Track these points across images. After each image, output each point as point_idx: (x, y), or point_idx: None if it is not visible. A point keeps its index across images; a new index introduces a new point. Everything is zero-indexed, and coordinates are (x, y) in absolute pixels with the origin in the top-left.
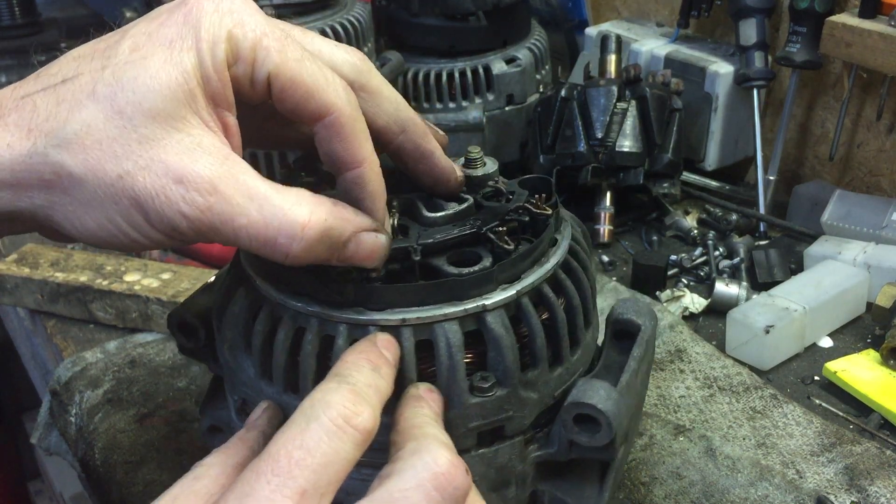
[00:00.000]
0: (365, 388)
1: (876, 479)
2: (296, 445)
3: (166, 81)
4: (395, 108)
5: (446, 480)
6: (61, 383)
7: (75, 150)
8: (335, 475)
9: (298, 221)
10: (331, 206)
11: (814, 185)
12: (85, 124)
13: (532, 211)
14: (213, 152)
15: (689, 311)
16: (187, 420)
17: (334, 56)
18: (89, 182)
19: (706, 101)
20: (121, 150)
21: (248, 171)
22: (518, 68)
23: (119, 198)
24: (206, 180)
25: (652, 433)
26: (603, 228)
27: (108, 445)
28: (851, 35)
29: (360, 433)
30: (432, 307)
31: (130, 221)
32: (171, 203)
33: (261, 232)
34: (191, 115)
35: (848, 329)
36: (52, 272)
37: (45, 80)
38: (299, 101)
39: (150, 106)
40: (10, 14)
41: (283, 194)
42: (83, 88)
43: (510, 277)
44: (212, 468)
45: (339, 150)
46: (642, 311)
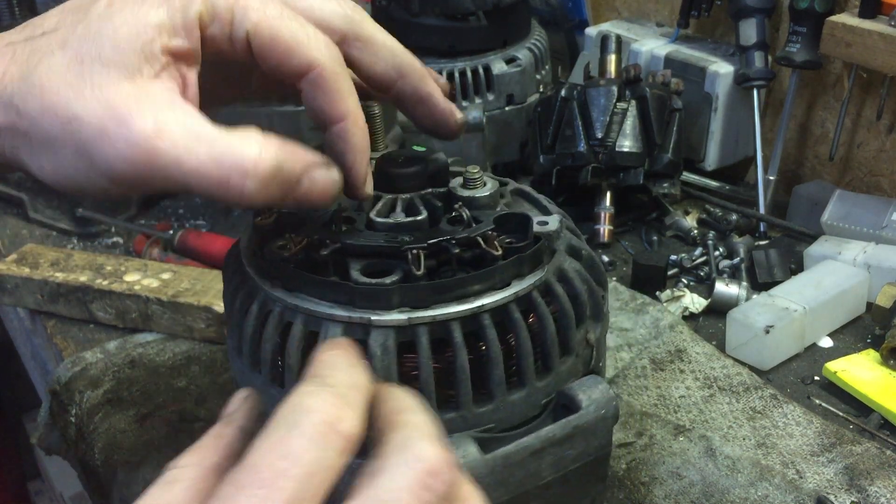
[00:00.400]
0: (345, 388)
1: (876, 479)
2: (278, 455)
3: (126, 34)
4: (392, 54)
5: (435, 477)
6: (61, 383)
7: (36, 93)
8: (321, 485)
9: (250, 157)
10: (280, 143)
11: (814, 185)
12: (48, 69)
13: (481, 245)
14: (161, 99)
15: (689, 311)
16: (187, 420)
17: (324, 8)
18: (44, 124)
19: (706, 101)
20: (73, 94)
21: (194, 115)
22: (518, 68)
23: (67, 141)
24: (150, 122)
25: (652, 433)
26: (603, 228)
27: (108, 445)
28: (851, 35)
29: (344, 439)
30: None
31: (77, 166)
32: (113, 145)
33: (212, 172)
34: (145, 65)
35: (848, 329)
36: (52, 272)
37: (29, 30)
38: (280, 58)
39: (107, 56)
40: (10, 14)
41: (231, 133)
42: (57, 40)
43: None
44: (186, 471)
45: (323, 105)
46: (595, 396)
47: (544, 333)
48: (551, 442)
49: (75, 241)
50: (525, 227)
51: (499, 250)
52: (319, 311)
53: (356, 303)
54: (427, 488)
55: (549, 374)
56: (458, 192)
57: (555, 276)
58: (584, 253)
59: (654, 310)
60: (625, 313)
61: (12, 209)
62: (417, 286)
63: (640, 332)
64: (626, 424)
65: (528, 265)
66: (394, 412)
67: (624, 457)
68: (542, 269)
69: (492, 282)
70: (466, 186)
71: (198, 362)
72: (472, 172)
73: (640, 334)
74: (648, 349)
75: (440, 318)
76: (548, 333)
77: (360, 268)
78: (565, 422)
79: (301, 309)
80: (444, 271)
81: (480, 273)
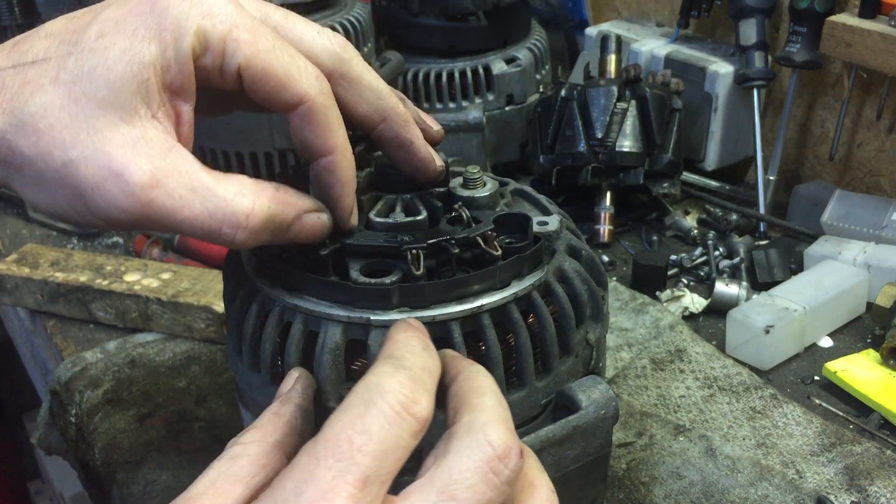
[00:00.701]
0: (420, 372)
1: (876, 479)
2: (357, 430)
3: (121, 73)
4: (376, 97)
5: (502, 461)
6: (61, 383)
7: (29, 132)
8: (395, 463)
9: (242, 211)
10: (273, 192)
11: (814, 185)
12: (42, 108)
13: (481, 246)
14: (157, 145)
15: (689, 311)
16: (187, 420)
17: (315, 44)
18: (38, 165)
19: (706, 101)
20: (69, 137)
21: (191, 163)
22: (518, 68)
23: (63, 184)
24: (146, 174)
25: (652, 433)
26: (603, 228)
27: (108, 445)
28: (851, 35)
29: (417, 422)
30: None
31: (73, 207)
32: (110, 196)
33: (205, 224)
34: (141, 106)
35: (848, 329)
36: (52, 272)
37: (16, 56)
38: (271, 91)
39: (102, 96)
40: (10, 14)
41: (225, 184)
42: (48, 73)
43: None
44: (249, 447)
45: (312, 139)
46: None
47: (544, 334)
48: (551, 442)
49: (75, 241)
50: (525, 227)
51: (498, 250)
52: (319, 311)
53: (355, 303)
54: (495, 472)
55: (549, 374)
56: (457, 192)
57: (555, 277)
58: (584, 253)
59: (654, 310)
60: (625, 313)
61: (12, 209)
62: (417, 286)
63: (640, 332)
64: (626, 424)
65: (528, 265)
66: (468, 392)
67: (624, 457)
68: (541, 270)
69: (491, 282)
70: (466, 186)
71: (198, 362)
72: (472, 172)
73: (640, 334)
74: (648, 349)
75: (440, 319)
76: (547, 334)
77: (360, 268)
78: (565, 422)
79: (300, 309)
80: (443, 271)
81: (480, 273)
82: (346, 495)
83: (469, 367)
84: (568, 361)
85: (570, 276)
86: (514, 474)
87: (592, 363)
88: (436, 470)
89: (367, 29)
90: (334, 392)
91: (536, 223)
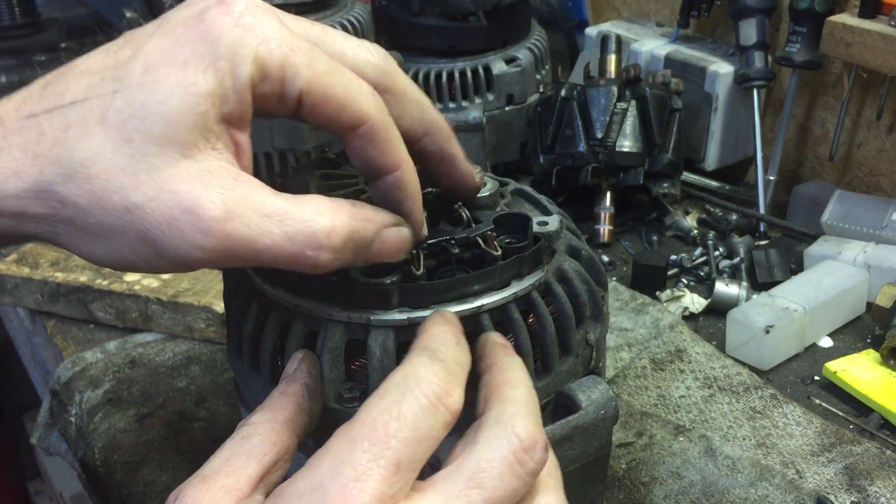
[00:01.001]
0: (454, 365)
1: (876, 479)
2: (392, 416)
3: (177, 107)
4: (420, 111)
5: (529, 453)
6: (61, 383)
7: (81, 180)
8: (426, 451)
9: (322, 230)
10: (350, 209)
11: (814, 185)
12: (92, 153)
13: (481, 246)
14: (223, 175)
15: (689, 311)
16: (187, 420)
17: (357, 58)
18: (95, 215)
19: (706, 101)
20: (128, 181)
21: (261, 189)
22: (518, 68)
23: (127, 230)
24: (219, 206)
25: (652, 433)
26: (603, 228)
27: (108, 445)
28: (851, 35)
29: (450, 413)
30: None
31: (139, 254)
32: (184, 235)
33: (286, 249)
34: (201, 140)
35: (848, 329)
36: (52, 272)
37: (51, 99)
38: (331, 114)
39: (158, 133)
40: (10, 14)
41: (302, 205)
42: (93, 113)
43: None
44: (259, 426)
45: (376, 157)
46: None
47: (544, 334)
48: (550, 442)
49: None
50: (525, 227)
51: (498, 250)
52: (318, 311)
53: (355, 302)
54: (521, 463)
55: (549, 374)
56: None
57: (554, 277)
58: (584, 253)
59: (654, 310)
60: (625, 313)
61: None
62: (417, 286)
63: (640, 332)
64: (626, 424)
65: (528, 265)
66: (500, 384)
67: (624, 457)
68: (541, 270)
69: (491, 282)
70: None
71: (198, 362)
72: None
73: (640, 334)
74: (648, 349)
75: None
76: (547, 334)
77: (360, 268)
78: (565, 422)
79: (300, 309)
80: (443, 271)
81: (480, 273)
82: (379, 478)
83: (504, 357)
84: (568, 361)
85: (570, 276)
86: (539, 466)
87: (592, 363)
88: (464, 458)
89: (367, 29)
90: (334, 392)
91: (537, 223)
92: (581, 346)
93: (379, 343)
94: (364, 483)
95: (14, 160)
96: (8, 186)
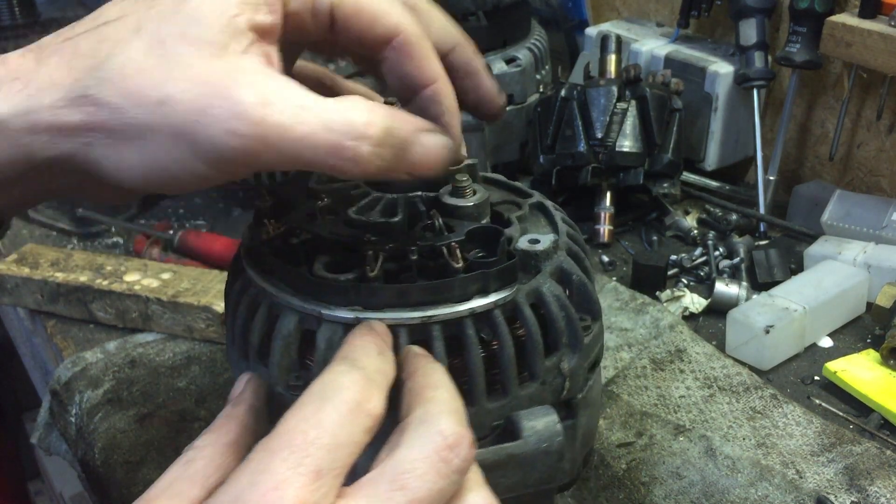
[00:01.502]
0: (374, 373)
1: (876, 479)
2: (311, 424)
3: (208, 10)
4: (446, 26)
5: (453, 451)
6: (61, 383)
7: (115, 79)
8: (348, 457)
9: (360, 120)
10: (386, 108)
11: (814, 185)
12: (126, 57)
13: (444, 256)
14: (257, 72)
15: (689, 311)
16: (187, 420)
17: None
18: (129, 111)
19: (706, 101)
20: (161, 76)
21: (293, 85)
22: (518, 68)
23: (160, 126)
24: (254, 93)
25: (652, 433)
26: (603, 228)
27: (108, 445)
28: (851, 35)
29: (370, 418)
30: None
31: (173, 155)
32: (219, 121)
33: (325, 138)
34: (233, 42)
35: (848, 329)
36: (52, 272)
37: (86, 24)
38: (364, 27)
39: (193, 34)
40: (10, 14)
41: (337, 100)
42: (127, 26)
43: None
44: (204, 450)
45: (412, 70)
46: (538, 428)
47: (501, 354)
48: (481, 465)
49: (75, 241)
50: (494, 240)
51: (460, 262)
52: (280, 298)
53: (311, 294)
54: (445, 461)
55: (505, 397)
56: (443, 200)
57: (527, 298)
58: (576, 279)
59: (654, 310)
60: (625, 313)
61: None
62: (368, 287)
63: (640, 332)
64: (626, 424)
65: (496, 282)
66: (422, 387)
67: (624, 457)
68: (510, 288)
69: (448, 294)
70: (453, 194)
71: (198, 362)
72: (461, 181)
73: (640, 334)
74: (648, 349)
75: (388, 322)
76: (504, 355)
77: (325, 261)
78: (498, 448)
79: (266, 293)
80: (404, 277)
81: (436, 283)
82: (298, 486)
83: (425, 364)
84: (531, 387)
85: (548, 300)
86: (466, 463)
87: (565, 393)
88: (388, 461)
89: None
90: (282, 378)
91: (527, 240)
92: (551, 374)
93: (326, 337)
94: (283, 491)
95: (49, 74)
96: (43, 97)
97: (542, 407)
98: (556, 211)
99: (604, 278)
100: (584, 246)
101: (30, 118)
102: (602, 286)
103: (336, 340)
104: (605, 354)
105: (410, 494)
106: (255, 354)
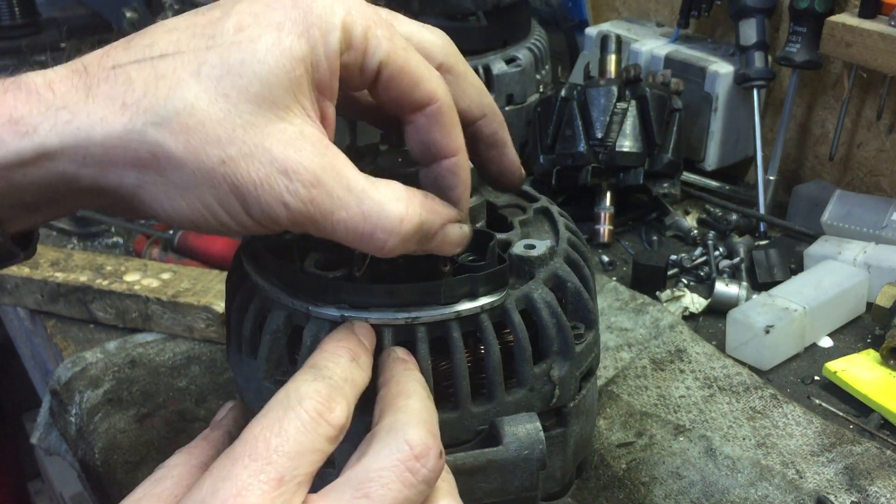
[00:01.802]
0: (341, 381)
1: (876, 479)
2: (273, 433)
3: (273, 67)
4: (479, 94)
5: (420, 461)
6: (61, 383)
7: (176, 130)
8: (310, 465)
9: (396, 216)
10: (423, 199)
11: (814, 185)
12: (188, 104)
13: (432, 259)
14: (316, 143)
15: (689, 311)
16: (187, 420)
17: (423, 39)
18: (189, 165)
19: (706, 101)
20: (224, 134)
21: (347, 164)
22: (518, 68)
23: (219, 183)
24: (309, 172)
25: (652, 433)
26: (603, 228)
27: (108, 445)
28: (851, 35)
29: (333, 428)
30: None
31: (226, 208)
32: (275, 194)
33: (359, 226)
34: (294, 103)
35: (848, 329)
36: (52, 272)
37: (137, 51)
38: (405, 90)
39: (256, 91)
40: (10, 14)
41: (380, 188)
42: (186, 66)
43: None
44: (174, 469)
45: (439, 139)
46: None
47: (487, 359)
48: (460, 469)
49: (75, 241)
50: (484, 245)
51: (447, 265)
52: (271, 293)
53: (300, 291)
54: (412, 471)
55: (490, 402)
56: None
57: (517, 304)
58: (571, 286)
59: (654, 310)
60: (625, 313)
61: None
62: (354, 286)
63: (640, 332)
64: (626, 424)
65: (485, 286)
66: (394, 396)
67: (624, 457)
68: (500, 293)
69: (434, 296)
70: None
71: (198, 362)
72: None
73: (640, 334)
74: (648, 349)
75: (373, 322)
76: (490, 360)
77: (317, 259)
78: (479, 453)
79: (259, 288)
80: (393, 277)
81: (421, 285)
82: (260, 492)
83: (402, 372)
84: (517, 393)
85: (538, 307)
86: (433, 474)
87: (555, 401)
88: (354, 469)
89: None
90: (269, 372)
91: (523, 246)
92: (540, 381)
93: (312, 334)
94: (244, 498)
95: (102, 108)
96: (95, 132)
97: (526, 414)
98: (560, 217)
99: (604, 278)
100: (585, 254)
101: (79, 151)
102: (602, 286)
103: (322, 337)
104: (605, 354)
105: (374, 503)
106: (247, 347)
